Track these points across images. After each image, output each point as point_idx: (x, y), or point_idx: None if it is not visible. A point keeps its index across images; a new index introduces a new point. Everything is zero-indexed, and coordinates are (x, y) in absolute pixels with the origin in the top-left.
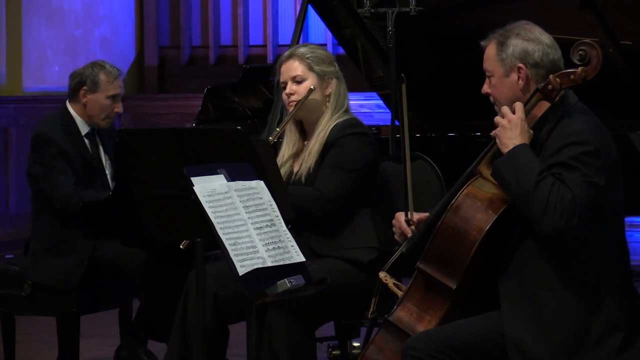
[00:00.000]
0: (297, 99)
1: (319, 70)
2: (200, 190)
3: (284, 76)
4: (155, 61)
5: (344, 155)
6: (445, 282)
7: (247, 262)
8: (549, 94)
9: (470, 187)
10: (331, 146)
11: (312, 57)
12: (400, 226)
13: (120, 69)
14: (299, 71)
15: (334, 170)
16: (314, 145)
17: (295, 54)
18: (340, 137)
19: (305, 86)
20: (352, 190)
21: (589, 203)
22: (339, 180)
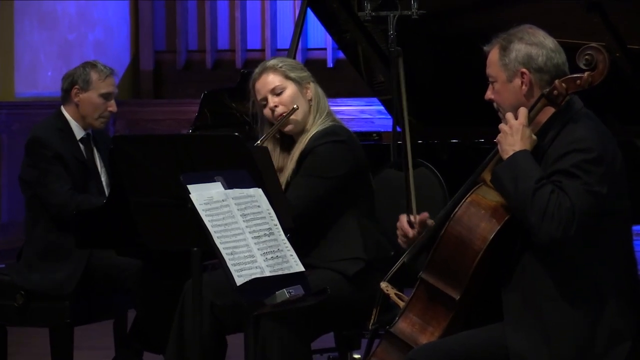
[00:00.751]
0: (284, 110)
1: (296, 76)
2: (197, 198)
3: (262, 92)
4: (150, 66)
5: (317, 162)
6: (448, 292)
7: (245, 271)
8: (555, 100)
9: (474, 195)
10: (307, 154)
11: (284, 66)
12: (402, 227)
13: (114, 69)
14: (276, 82)
15: (306, 178)
16: (295, 153)
17: (266, 67)
18: (317, 145)
19: (288, 95)
20: (328, 198)
21: (588, 213)
22: (309, 188)
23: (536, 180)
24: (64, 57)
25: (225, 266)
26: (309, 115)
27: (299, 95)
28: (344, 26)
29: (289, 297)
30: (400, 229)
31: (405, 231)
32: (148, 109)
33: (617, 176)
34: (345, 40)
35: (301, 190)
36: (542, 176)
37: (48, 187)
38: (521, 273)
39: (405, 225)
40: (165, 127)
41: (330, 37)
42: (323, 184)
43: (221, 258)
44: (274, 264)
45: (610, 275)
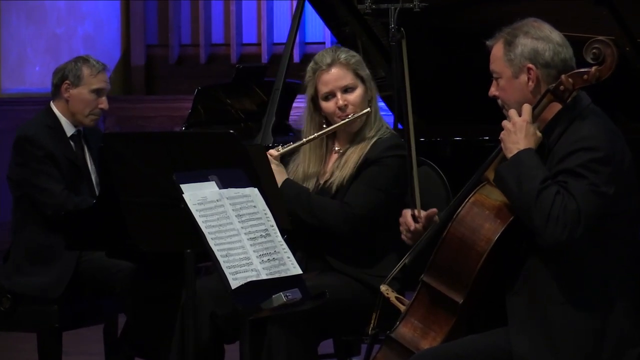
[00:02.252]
0: (354, 110)
1: (365, 75)
2: (190, 198)
3: (331, 85)
4: (142, 61)
5: (383, 176)
6: (451, 296)
7: (240, 274)
8: (561, 96)
9: (478, 195)
10: (372, 163)
11: (355, 62)
12: (406, 221)
13: (106, 64)
14: (348, 79)
15: (370, 188)
16: (351, 155)
17: (338, 61)
18: (384, 157)
19: (358, 95)
20: (382, 212)
21: (595, 214)
22: (372, 199)
23: (541, 180)
24: (52, 52)
25: (220, 269)
26: (368, 117)
27: (366, 95)
28: (343, 19)
29: (286, 301)
30: (404, 224)
31: (409, 225)
32: (139, 105)
33: (625, 175)
34: (344, 34)
35: (363, 198)
36: (547, 176)
37: (42, 188)
38: (526, 276)
39: (409, 220)
40: (157, 124)
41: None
42: (385, 198)
43: (215, 260)
44: (270, 266)
45: (618, 278)
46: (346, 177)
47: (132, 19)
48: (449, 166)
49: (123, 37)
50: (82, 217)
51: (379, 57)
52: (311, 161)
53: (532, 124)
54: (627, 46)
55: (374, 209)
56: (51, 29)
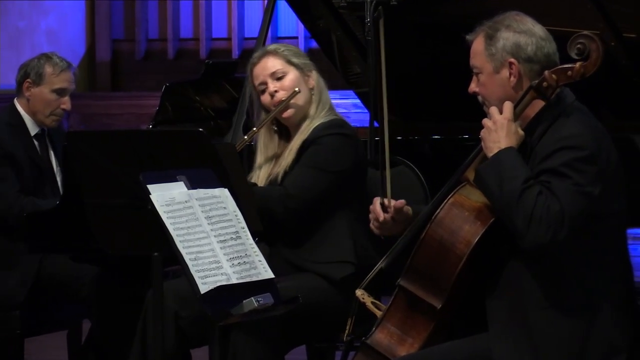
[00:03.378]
0: (285, 95)
1: (298, 62)
2: (157, 199)
3: (261, 77)
4: (107, 56)
5: (320, 154)
6: (429, 300)
7: (209, 278)
8: (544, 92)
9: (457, 196)
10: (310, 143)
11: (286, 51)
12: (375, 209)
13: (71, 63)
14: (277, 66)
15: (307, 168)
16: (295, 142)
17: (267, 51)
18: (321, 136)
19: (290, 79)
20: (326, 193)
21: (579, 216)
22: (309, 179)
23: (523, 180)
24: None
25: (188, 273)
26: (310, 104)
27: (301, 81)
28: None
29: (257, 306)
30: (373, 212)
31: (377, 215)
32: (105, 102)
33: (611, 176)
34: (318, 28)
35: (300, 180)
36: (529, 176)
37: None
38: (507, 279)
39: (377, 209)
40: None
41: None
42: (325, 177)
43: (184, 264)
44: (241, 270)
45: (604, 282)
46: (289, 164)
47: (97, 13)
48: (427, 166)
49: (88, 31)
50: (44, 219)
51: (354, 53)
52: (262, 156)
53: (514, 122)
54: (613, 41)
55: (314, 189)
56: (13, 23)
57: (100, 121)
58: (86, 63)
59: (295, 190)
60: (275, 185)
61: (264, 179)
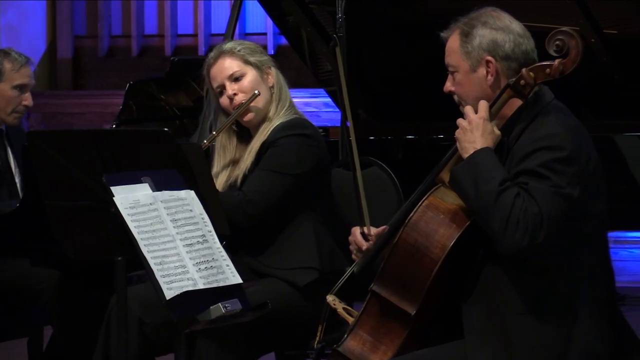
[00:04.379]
0: (244, 97)
1: (256, 60)
2: (121, 202)
3: (219, 79)
4: (69, 53)
5: (279, 157)
6: (402, 306)
7: (175, 284)
8: (522, 91)
9: (432, 198)
10: (269, 145)
11: (242, 49)
12: (356, 240)
13: (30, 57)
14: (234, 67)
15: (266, 172)
16: (254, 144)
17: (223, 51)
18: (279, 138)
19: (248, 80)
20: (287, 197)
21: (558, 218)
22: (268, 183)
23: (499, 182)
24: None
25: (153, 278)
26: (270, 104)
27: (259, 81)
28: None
29: (225, 313)
30: (354, 243)
31: (359, 245)
32: (66, 101)
33: (591, 177)
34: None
35: (259, 185)
36: (506, 177)
37: None
38: (484, 284)
39: (359, 239)
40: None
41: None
42: (283, 180)
43: (148, 268)
44: (208, 275)
45: (585, 287)
46: (248, 167)
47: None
48: (400, 167)
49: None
50: (2, 223)
51: (325, 49)
52: (219, 163)
53: (490, 122)
54: (593, 37)
55: (274, 193)
56: None
57: (62, 120)
58: (47, 60)
59: (255, 195)
60: (235, 189)
61: (223, 183)
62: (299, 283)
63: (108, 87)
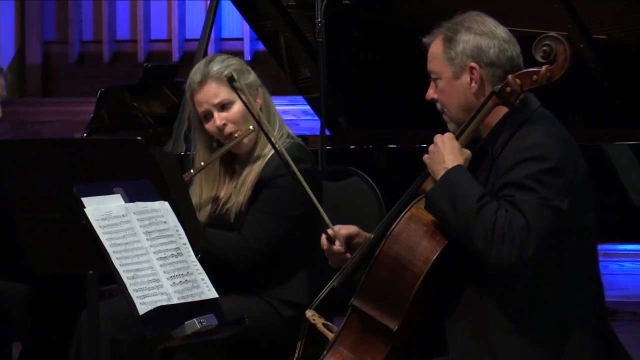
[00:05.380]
0: (234, 129)
1: (242, 85)
2: (92, 213)
3: (205, 106)
4: (38, 59)
5: (279, 201)
6: (384, 322)
7: (148, 298)
8: (507, 98)
9: (414, 209)
10: (266, 184)
11: (229, 74)
12: (322, 244)
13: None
14: (222, 95)
15: (265, 215)
16: (248, 176)
17: (209, 76)
18: (277, 176)
19: (237, 110)
20: (284, 238)
21: (547, 232)
22: (270, 228)
23: (477, 198)
24: None
25: (126, 292)
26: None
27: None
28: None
29: (201, 328)
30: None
31: (328, 251)
32: (35, 109)
33: (579, 188)
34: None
35: (259, 229)
36: (483, 193)
37: None
38: (469, 299)
39: (324, 242)
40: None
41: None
42: (284, 223)
43: (121, 283)
44: (182, 289)
45: (573, 303)
46: (244, 203)
47: (27, 13)
48: (382, 177)
49: (17, 32)
50: None
51: (304, 55)
52: (204, 189)
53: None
54: (581, 43)
55: (274, 238)
56: None
57: (31, 129)
58: (15, 66)
59: (257, 243)
60: (225, 222)
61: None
62: (284, 314)
63: (79, 94)
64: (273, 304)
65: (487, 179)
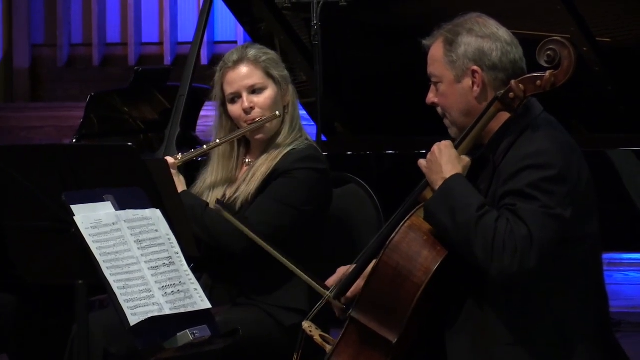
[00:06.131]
0: (261, 114)
1: (278, 75)
2: (82, 221)
3: (236, 86)
4: (26, 62)
5: (292, 189)
6: (383, 334)
7: (140, 309)
8: (510, 104)
9: (414, 218)
10: (280, 174)
11: (267, 60)
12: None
13: None
14: (256, 78)
15: (274, 202)
16: (260, 167)
17: (246, 58)
18: (295, 169)
19: (268, 96)
20: (290, 231)
21: (550, 241)
22: (275, 215)
23: (477, 207)
24: None
25: (117, 302)
26: (282, 125)
27: (278, 98)
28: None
29: (193, 340)
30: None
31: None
32: (23, 114)
33: (583, 195)
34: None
35: (268, 216)
36: (483, 202)
37: None
38: (470, 311)
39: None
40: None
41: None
42: (293, 214)
43: (111, 293)
44: (174, 299)
45: (577, 314)
46: (252, 192)
47: (15, 15)
48: (380, 184)
49: (5, 35)
50: None
51: (299, 59)
52: (218, 173)
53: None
54: (585, 46)
55: (280, 227)
56: None
57: (18, 135)
58: (2, 70)
59: (263, 227)
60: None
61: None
62: (284, 323)
63: (68, 99)
64: (272, 313)
65: (488, 187)
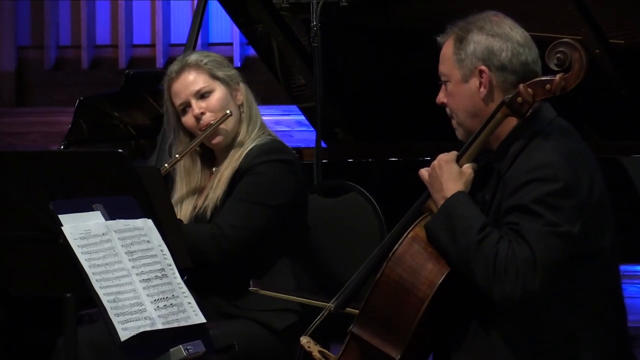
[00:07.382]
0: (213, 118)
1: (224, 75)
2: (70, 232)
3: (183, 95)
4: (11, 65)
5: (257, 186)
6: (385, 350)
7: (130, 323)
8: (518, 109)
9: (418, 229)
10: (244, 173)
11: (209, 62)
12: None
13: None
14: (201, 82)
15: (242, 203)
16: (225, 170)
17: (187, 64)
18: (258, 164)
19: (216, 98)
20: (265, 231)
21: (555, 262)
22: (245, 216)
23: (478, 230)
24: None
25: (106, 317)
26: (239, 125)
27: (229, 99)
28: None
29: (187, 356)
30: None
31: None
32: (8, 119)
33: (595, 208)
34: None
35: (235, 217)
36: (484, 223)
37: None
38: (476, 330)
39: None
40: (30, 142)
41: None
42: (263, 212)
43: (101, 306)
44: (167, 313)
45: (589, 333)
46: (219, 196)
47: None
48: (382, 192)
49: None
50: None
51: (298, 61)
52: (183, 188)
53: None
54: (597, 48)
55: (251, 227)
56: None
57: (4, 141)
58: None
59: (230, 230)
60: (204, 221)
61: (188, 213)
62: (276, 327)
63: (55, 104)
64: (262, 319)
65: (493, 198)
